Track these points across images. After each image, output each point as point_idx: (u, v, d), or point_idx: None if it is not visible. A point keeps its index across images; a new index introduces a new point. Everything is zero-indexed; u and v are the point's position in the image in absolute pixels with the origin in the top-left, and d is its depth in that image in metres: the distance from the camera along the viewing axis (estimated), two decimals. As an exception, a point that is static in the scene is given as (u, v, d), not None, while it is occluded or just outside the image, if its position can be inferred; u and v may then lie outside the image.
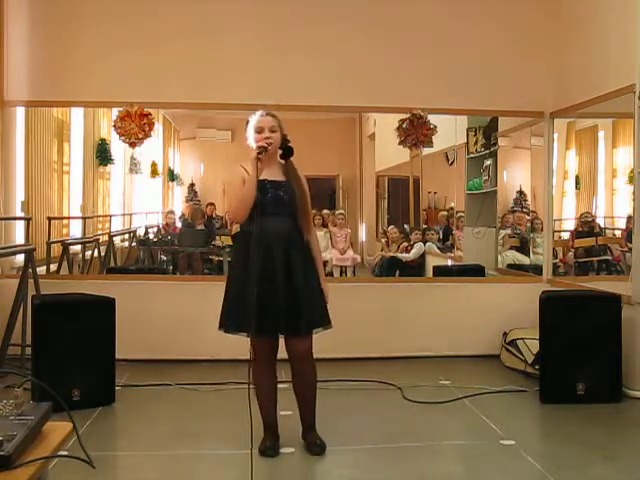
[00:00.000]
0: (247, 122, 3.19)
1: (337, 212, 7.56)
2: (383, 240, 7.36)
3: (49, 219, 5.97)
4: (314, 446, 3.18)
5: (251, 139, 3.14)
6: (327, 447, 3.20)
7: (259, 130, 3.13)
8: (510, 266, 6.22)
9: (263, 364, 3.14)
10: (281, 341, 3.17)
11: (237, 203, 3.09)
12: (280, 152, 3.21)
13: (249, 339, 3.10)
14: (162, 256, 7.35)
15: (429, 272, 6.75)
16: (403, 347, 5.10)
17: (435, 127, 5.31)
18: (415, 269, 6.85)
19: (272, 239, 3.05)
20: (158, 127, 7.05)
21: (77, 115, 6.68)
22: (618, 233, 5.29)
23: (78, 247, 6.37)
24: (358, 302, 5.04)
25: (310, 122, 6.64)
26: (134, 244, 7.40)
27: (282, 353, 3.20)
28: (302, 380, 3.19)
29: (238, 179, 3.10)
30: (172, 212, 7.77)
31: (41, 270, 5.03)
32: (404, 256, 6.94)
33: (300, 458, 3.15)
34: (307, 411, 3.22)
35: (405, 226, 7.43)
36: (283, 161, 3.23)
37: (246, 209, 3.05)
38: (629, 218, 4.81)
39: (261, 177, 3.07)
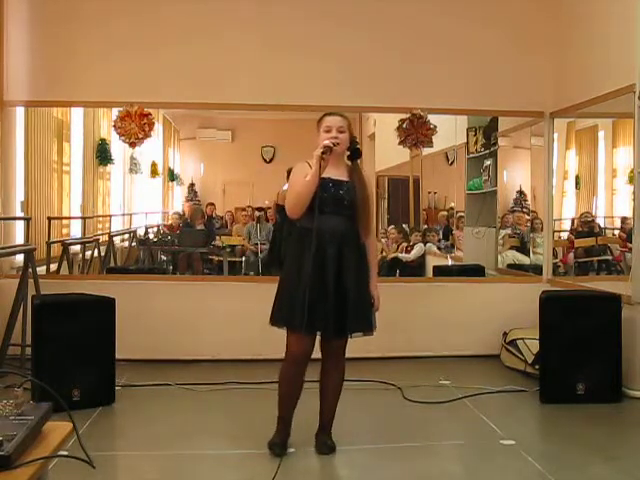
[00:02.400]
0: (318, 121, 3.16)
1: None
2: (383, 240, 7.35)
3: (49, 219, 5.97)
4: (323, 445, 3.18)
5: (323, 138, 3.08)
6: (330, 447, 3.20)
7: (327, 130, 3.09)
8: (510, 266, 6.22)
9: (298, 363, 3.08)
10: None
11: (294, 198, 3.04)
12: (347, 153, 3.17)
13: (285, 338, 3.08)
14: (162, 256, 7.35)
15: (429, 272, 6.75)
16: (403, 347, 5.10)
17: (435, 127, 5.31)
18: (415, 269, 6.84)
19: (327, 238, 3.01)
20: (158, 127, 7.05)
21: (77, 115, 6.68)
22: (618, 233, 5.29)
23: (78, 247, 6.37)
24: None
25: (310, 122, 6.61)
26: (134, 244, 7.40)
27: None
28: (331, 377, 3.19)
29: (301, 175, 3.05)
30: (177, 213, 7.76)
31: (41, 270, 5.02)
32: (404, 256, 6.94)
33: (301, 458, 3.14)
34: (328, 410, 3.21)
35: (404, 226, 7.42)
36: (350, 163, 3.19)
37: (302, 204, 3.00)
38: (623, 219, 4.83)
39: (324, 175, 3.02)
